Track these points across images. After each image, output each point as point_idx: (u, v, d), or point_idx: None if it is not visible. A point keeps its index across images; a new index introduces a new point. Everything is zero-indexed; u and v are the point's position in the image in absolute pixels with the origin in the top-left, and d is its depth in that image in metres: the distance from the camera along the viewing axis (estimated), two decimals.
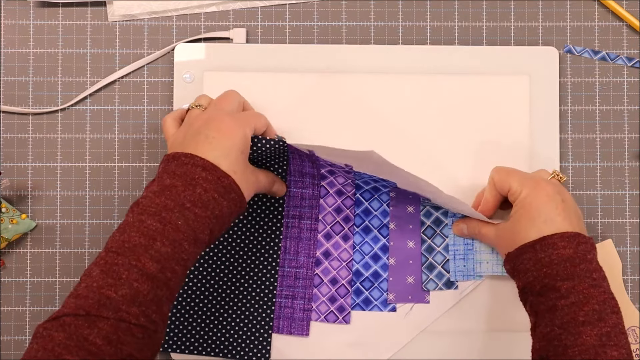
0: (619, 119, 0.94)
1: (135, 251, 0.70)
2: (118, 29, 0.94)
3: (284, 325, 0.89)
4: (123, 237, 0.72)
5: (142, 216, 0.72)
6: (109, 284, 0.69)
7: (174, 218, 0.72)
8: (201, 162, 0.75)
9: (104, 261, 0.71)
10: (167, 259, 0.71)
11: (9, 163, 0.92)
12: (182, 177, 0.74)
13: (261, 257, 0.89)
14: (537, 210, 0.78)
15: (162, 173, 0.76)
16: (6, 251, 0.92)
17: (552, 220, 0.77)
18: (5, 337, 0.91)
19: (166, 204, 0.73)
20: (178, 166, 0.75)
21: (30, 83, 0.93)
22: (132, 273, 0.69)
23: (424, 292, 0.90)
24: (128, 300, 0.69)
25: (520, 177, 0.81)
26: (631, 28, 0.94)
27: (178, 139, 0.80)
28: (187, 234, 0.72)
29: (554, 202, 0.78)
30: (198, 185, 0.74)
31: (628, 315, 0.90)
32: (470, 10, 0.95)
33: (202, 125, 0.78)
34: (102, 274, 0.70)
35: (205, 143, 0.76)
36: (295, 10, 0.94)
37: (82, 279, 0.71)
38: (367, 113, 0.91)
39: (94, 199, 0.92)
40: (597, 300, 0.73)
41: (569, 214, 0.78)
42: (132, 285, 0.69)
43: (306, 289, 0.89)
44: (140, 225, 0.72)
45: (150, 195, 0.74)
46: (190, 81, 0.91)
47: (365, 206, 0.90)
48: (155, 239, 0.71)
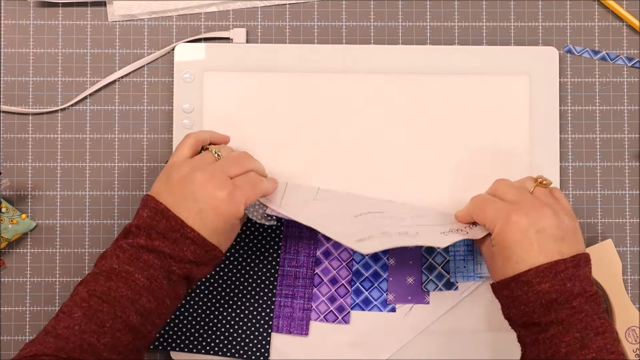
0: (619, 119, 0.94)
1: (121, 302, 0.73)
2: (118, 29, 0.94)
3: (283, 325, 0.89)
4: (109, 284, 0.73)
5: (130, 267, 0.74)
6: (92, 330, 0.71)
7: (160, 277, 0.74)
8: (191, 235, 0.75)
9: (88, 305, 0.72)
10: (149, 314, 0.74)
11: (9, 163, 0.92)
12: (172, 243, 0.75)
13: (261, 256, 0.89)
14: (509, 250, 0.75)
15: (150, 228, 0.75)
16: (6, 251, 0.92)
17: (524, 259, 0.74)
18: (5, 337, 0.91)
19: (154, 262, 0.74)
20: (168, 230, 0.75)
21: (30, 83, 0.93)
22: (116, 323, 0.72)
23: (423, 292, 0.90)
24: (109, 349, 0.71)
25: (493, 211, 0.77)
26: (631, 28, 0.94)
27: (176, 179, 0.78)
28: (169, 292, 0.75)
29: (527, 237, 0.74)
30: (185, 256, 0.75)
31: (628, 315, 0.90)
32: (470, 10, 0.95)
33: (200, 193, 0.76)
34: (85, 318, 0.72)
35: (197, 218, 0.76)
36: (295, 10, 0.94)
37: (60, 316, 0.73)
38: (366, 113, 0.91)
39: (94, 199, 0.92)
40: (578, 328, 0.72)
41: (544, 244, 0.74)
42: (114, 334, 0.72)
43: (306, 289, 0.89)
44: (128, 277, 0.73)
45: (137, 248, 0.75)
46: (190, 81, 0.91)
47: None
48: (141, 295, 0.73)
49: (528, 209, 0.76)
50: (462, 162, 0.91)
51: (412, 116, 0.91)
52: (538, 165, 0.91)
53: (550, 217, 0.75)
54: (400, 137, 0.91)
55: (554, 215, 0.76)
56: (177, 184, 0.77)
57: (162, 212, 0.76)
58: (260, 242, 0.90)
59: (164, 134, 0.93)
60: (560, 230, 0.75)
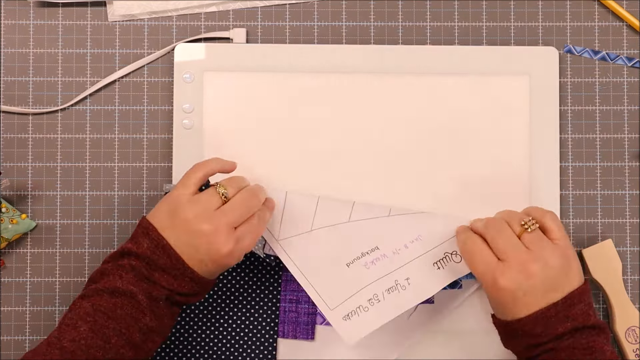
0: (619, 119, 0.94)
1: (126, 320, 0.75)
2: (118, 29, 0.94)
3: (289, 330, 0.89)
4: (114, 301, 0.76)
5: (134, 288, 0.76)
6: (98, 345, 0.74)
7: (160, 297, 0.77)
8: (191, 275, 0.78)
9: (93, 320, 0.75)
10: (151, 332, 0.77)
11: (9, 163, 0.92)
12: (172, 278, 0.78)
13: (264, 262, 0.89)
14: (501, 307, 0.79)
15: (151, 258, 0.77)
16: (6, 251, 0.92)
17: (516, 313, 0.77)
18: (5, 337, 0.91)
19: (153, 287, 0.77)
20: (168, 267, 0.78)
21: (30, 83, 0.93)
22: (120, 340, 0.75)
23: None
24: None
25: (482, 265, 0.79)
26: (631, 28, 0.94)
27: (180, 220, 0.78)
28: (167, 311, 0.79)
29: (515, 299, 0.76)
30: (183, 292, 0.79)
31: (628, 316, 0.90)
32: (470, 10, 0.95)
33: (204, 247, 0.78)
34: (91, 332, 0.74)
35: (197, 264, 0.78)
36: (295, 10, 0.94)
37: (64, 328, 0.75)
38: (367, 113, 0.91)
39: (94, 199, 0.92)
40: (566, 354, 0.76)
41: (534, 301, 0.76)
42: (118, 351, 0.75)
43: None
44: (132, 297, 0.76)
45: (140, 273, 0.77)
46: (190, 81, 0.91)
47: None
48: (145, 314, 0.76)
49: (515, 270, 0.77)
50: (462, 162, 0.91)
51: (412, 116, 0.91)
52: (538, 165, 0.91)
53: (538, 274, 0.76)
54: (400, 137, 0.91)
55: (542, 269, 0.76)
56: (181, 227, 0.78)
57: (164, 248, 0.78)
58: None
59: (164, 134, 0.93)
60: (549, 280, 0.77)
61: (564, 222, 0.92)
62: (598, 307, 0.92)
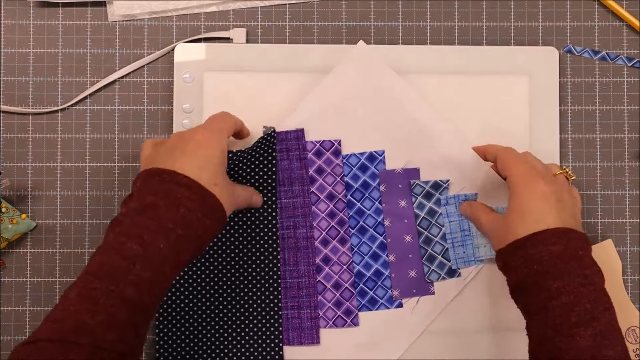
0: (619, 119, 0.94)
1: (114, 275, 0.68)
2: (118, 29, 0.94)
3: (293, 337, 0.89)
4: (102, 258, 0.70)
5: (123, 237, 0.70)
6: (85, 309, 0.67)
7: (156, 241, 0.70)
8: (184, 180, 0.73)
9: (82, 284, 0.69)
10: (146, 284, 0.69)
11: (9, 163, 0.92)
12: (165, 195, 0.72)
13: (262, 272, 0.89)
14: (528, 208, 0.76)
15: (141, 189, 0.73)
16: (6, 251, 0.92)
17: (543, 219, 0.75)
18: (5, 337, 0.91)
19: (148, 224, 0.71)
20: (160, 183, 0.73)
21: (30, 83, 0.93)
22: (109, 298, 0.68)
23: (427, 283, 0.90)
24: (105, 327, 0.67)
25: (521, 170, 0.79)
26: (631, 28, 0.94)
27: (151, 156, 0.78)
28: (169, 258, 0.71)
29: (548, 201, 0.76)
30: (181, 205, 0.72)
31: (628, 315, 0.90)
32: (470, 10, 0.95)
33: (177, 140, 0.77)
34: (79, 297, 0.68)
35: (183, 156, 0.74)
36: (295, 10, 0.94)
37: (60, 300, 0.70)
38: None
39: (94, 199, 0.92)
40: (589, 299, 0.72)
41: (562, 213, 0.76)
42: (109, 311, 0.67)
43: (311, 298, 0.89)
44: (121, 247, 0.70)
45: (131, 214, 0.72)
46: (190, 81, 0.91)
47: (358, 207, 0.90)
48: (135, 263, 0.69)
49: (552, 181, 0.78)
50: (462, 162, 0.91)
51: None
52: None
53: (569, 196, 0.79)
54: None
55: (571, 198, 0.79)
56: (156, 155, 0.77)
57: (154, 172, 0.74)
58: (258, 257, 0.89)
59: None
60: (575, 210, 0.79)
61: None
62: None
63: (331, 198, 0.90)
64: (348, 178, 0.90)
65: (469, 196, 0.89)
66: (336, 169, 0.89)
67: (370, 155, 0.90)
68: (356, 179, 0.90)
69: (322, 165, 0.89)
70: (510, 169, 0.79)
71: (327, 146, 0.89)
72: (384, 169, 0.90)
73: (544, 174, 0.79)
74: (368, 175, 0.90)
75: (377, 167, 0.90)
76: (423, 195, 0.90)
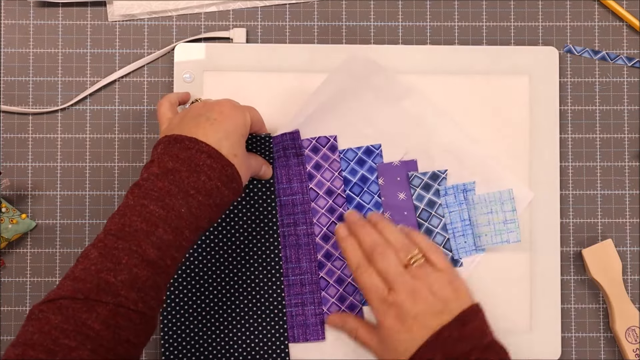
0: (619, 119, 0.94)
1: (136, 236, 0.70)
2: (118, 29, 0.94)
3: (299, 334, 0.89)
4: (123, 220, 0.71)
5: (145, 200, 0.71)
6: (108, 268, 0.68)
7: (177, 205, 0.71)
8: (206, 148, 0.74)
9: (103, 244, 0.70)
10: (167, 246, 0.71)
11: (9, 163, 0.92)
12: (186, 162, 0.73)
13: (264, 271, 0.89)
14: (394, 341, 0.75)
15: (162, 155, 0.74)
16: (6, 251, 0.92)
17: (411, 342, 0.73)
18: (5, 337, 0.91)
19: (169, 189, 0.72)
20: (181, 150, 0.74)
21: (30, 83, 0.93)
22: (132, 258, 0.69)
23: None
24: (127, 286, 0.68)
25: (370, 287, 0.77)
26: (631, 28, 0.94)
27: (174, 121, 0.79)
28: (189, 222, 0.72)
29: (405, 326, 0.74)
30: (202, 173, 0.73)
31: (628, 315, 0.90)
32: (470, 10, 0.95)
33: (203, 108, 0.78)
34: (100, 257, 0.69)
35: (207, 124, 0.75)
36: (295, 10, 0.94)
37: (79, 260, 0.70)
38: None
39: (94, 199, 0.92)
40: None
41: (424, 324, 0.73)
42: (131, 270, 0.69)
43: (314, 294, 0.89)
44: (142, 209, 0.71)
45: (152, 178, 0.73)
46: (190, 81, 0.91)
47: (357, 201, 0.90)
48: (157, 226, 0.70)
49: (403, 296, 0.75)
50: (462, 162, 0.91)
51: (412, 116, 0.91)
52: (538, 165, 0.91)
53: (426, 297, 0.75)
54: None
55: (429, 294, 0.75)
56: (181, 120, 0.78)
57: (176, 138, 0.75)
58: (260, 256, 0.89)
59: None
60: (437, 304, 0.75)
61: (563, 222, 0.92)
62: (598, 307, 0.92)
63: (330, 194, 0.90)
64: (346, 173, 0.90)
65: (467, 185, 0.89)
66: (333, 164, 0.90)
67: (367, 149, 0.90)
68: (354, 174, 0.90)
69: (320, 161, 0.90)
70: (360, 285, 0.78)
71: (323, 142, 0.90)
72: (382, 162, 0.90)
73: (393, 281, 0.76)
74: (366, 169, 0.90)
75: (375, 160, 0.90)
76: (421, 186, 0.90)
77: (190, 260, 0.88)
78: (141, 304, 0.69)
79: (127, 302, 0.68)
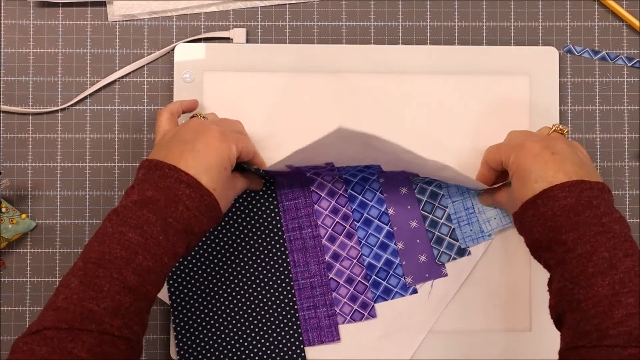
0: (619, 119, 0.94)
1: (116, 264, 0.70)
2: (118, 29, 0.94)
3: (314, 337, 0.89)
4: (103, 247, 0.71)
5: (123, 227, 0.72)
6: (90, 296, 0.69)
7: (155, 232, 0.72)
8: (185, 178, 0.74)
9: (83, 272, 0.70)
10: (147, 273, 0.72)
11: (9, 163, 0.92)
12: (165, 191, 0.74)
13: (273, 277, 0.89)
14: (526, 172, 0.75)
15: (143, 182, 0.75)
16: (6, 251, 0.92)
17: (542, 177, 0.74)
18: (5, 337, 0.91)
19: (148, 217, 0.72)
20: (161, 178, 0.74)
21: (30, 83, 0.93)
22: (114, 285, 0.70)
23: (439, 266, 0.90)
24: (110, 313, 0.69)
25: (508, 146, 0.80)
26: (631, 28, 0.95)
27: (165, 139, 0.79)
28: (167, 249, 0.73)
29: (542, 159, 0.75)
30: (181, 203, 0.74)
31: None
32: (470, 10, 0.95)
33: (191, 135, 0.77)
34: (82, 285, 0.70)
35: (190, 155, 0.75)
36: (295, 10, 0.94)
37: (59, 290, 0.71)
38: (366, 113, 0.91)
39: (94, 199, 0.92)
40: (607, 247, 0.70)
41: (561, 165, 0.74)
42: (114, 297, 0.69)
43: (325, 296, 0.89)
44: (121, 237, 0.71)
45: (130, 206, 0.73)
46: (190, 81, 0.91)
47: (360, 199, 0.90)
48: (137, 253, 0.71)
49: (542, 138, 0.78)
50: (462, 162, 0.91)
51: (412, 116, 0.91)
52: None
53: (565, 146, 0.77)
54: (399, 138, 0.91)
55: (569, 146, 0.77)
56: (169, 140, 0.78)
57: (156, 164, 0.75)
58: (268, 263, 0.89)
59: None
60: (577, 157, 0.76)
61: None
62: None
63: (332, 194, 0.90)
64: (346, 175, 0.90)
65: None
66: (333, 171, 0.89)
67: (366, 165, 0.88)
68: (355, 175, 0.90)
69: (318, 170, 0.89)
70: (499, 154, 0.81)
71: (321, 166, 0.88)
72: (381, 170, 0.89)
73: (534, 135, 0.80)
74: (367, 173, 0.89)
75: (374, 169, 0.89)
76: (423, 180, 0.90)
77: (199, 273, 0.89)
78: (125, 330, 0.69)
79: (112, 329, 0.69)
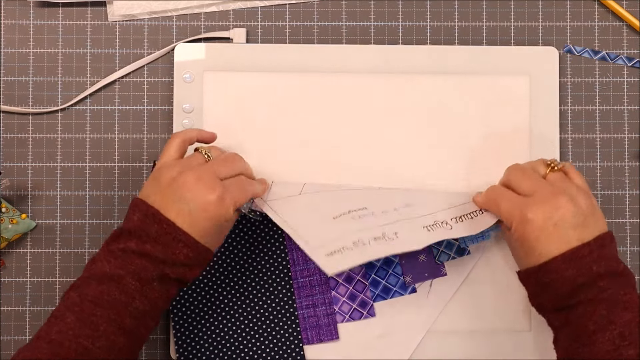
0: (619, 119, 0.94)
1: (115, 305, 0.73)
2: (118, 29, 0.94)
3: (312, 335, 0.89)
4: (101, 288, 0.74)
5: (121, 271, 0.74)
6: (86, 334, 0.72)
7: (152, 280, 0.75)
8: (183, 238, 0.76)
9: (80, 309, 0.73)
10: (143, 316, 0.75)
11: (9, 163, 0.92)
12: (163, 247, 0.75)
13: (272, 276, 0.89)
14: (530, 246, 0.76)
15: (139, 230, 0.76)
16: (6, 251, 0.92)
17: (546, 252, 0.75)
18: (5, 337, 0.91)
19: (146, 266, 0.75)
20: (159, 234, 0.75)
21: (30, 83, 0.93)
22: (110, 326, 0.72)
23: (438, 265, 0.90)
24: (105, 352, 0.72)
25: (508, 207, 0.78)
26: (631, 28, 0.95)
27: (164, 179, 0.78)
28: (161, 294, 0.76)
29: (545, 232, 0.75)
30: (178, 260, 0.76)
31: None
32: (470, 10, 0.95)
33: (189, 196, 0.76)
34: (78, 322, 0.72)
35: (187, 219, 0.76)
36: (295, 10, 0.94)
37: (52, 321, 0.73)
38: (366, 113, 0.91)
39: (94, 199, 0.92)
40: (605, 305, 0.73)
41: (564, 234, 0.75)
42: (109, 337, 0.72)
43: (324, 294, 0.89)
44: (120, 281, 0.74)
45: (129, 253, 0.75)
46: (190, 81, 0.91)
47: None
48: (134, 298, 0.74)
49: (543, 202, 0.76)
50: (461, 163, 0.91)
51: (412, 116, 0.91)
52: None
53: (567, 206, 0.76)
54: (399, 138, 0.91)
55: (570, 202, 0.76)
56: (167, 186, 0.77)
57: (153, 215, 0.76)
58: (267, 261, 0.89)
59: (164, 134, 0.93)
60: (578, 216, 0.76)
61: None
62: None
63: None
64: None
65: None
66: None
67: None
68: None
69: None
70: (498, 211, 0.80)
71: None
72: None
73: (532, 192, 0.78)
74: None
75: None
76: None
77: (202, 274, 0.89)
78: None
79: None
